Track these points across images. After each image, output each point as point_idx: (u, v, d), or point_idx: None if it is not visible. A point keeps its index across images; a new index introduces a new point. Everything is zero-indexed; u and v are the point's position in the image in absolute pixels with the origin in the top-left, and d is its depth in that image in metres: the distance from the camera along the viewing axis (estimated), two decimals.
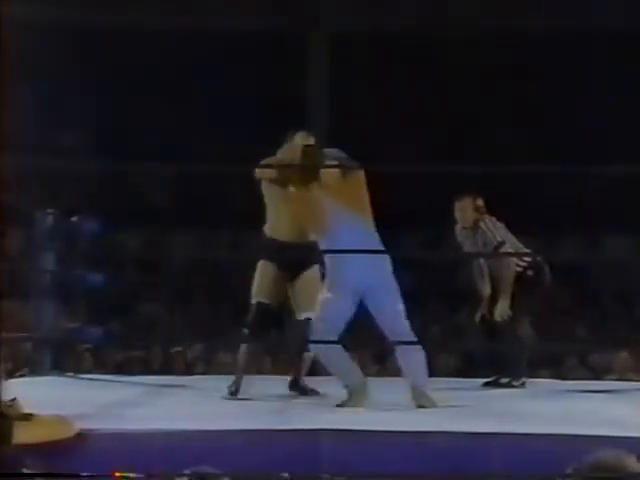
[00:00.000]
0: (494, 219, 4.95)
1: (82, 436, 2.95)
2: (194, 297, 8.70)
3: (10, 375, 4.13)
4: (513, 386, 4.74)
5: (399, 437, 3.06)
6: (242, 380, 4.12)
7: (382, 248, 3.90)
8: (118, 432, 3.05)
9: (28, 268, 5.40)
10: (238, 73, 9.71)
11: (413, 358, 3.85)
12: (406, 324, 3.86)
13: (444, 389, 4.39)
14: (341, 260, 3.77)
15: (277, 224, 4.12)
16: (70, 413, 3.02)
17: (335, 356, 3.81)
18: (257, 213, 4.38)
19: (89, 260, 5.51)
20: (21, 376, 5.07)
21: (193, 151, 8.95)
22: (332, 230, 3.78)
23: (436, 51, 9.63)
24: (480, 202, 4.97)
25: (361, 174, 3.86)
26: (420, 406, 3.78)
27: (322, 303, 3.83)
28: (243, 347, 4.20)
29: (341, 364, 3.82)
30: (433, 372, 5.33)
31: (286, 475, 2.38)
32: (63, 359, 5.86)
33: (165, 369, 6.36)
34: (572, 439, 2.99)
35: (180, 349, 6.78)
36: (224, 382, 4.67)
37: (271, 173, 4.06)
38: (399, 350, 3.87)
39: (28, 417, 2.83)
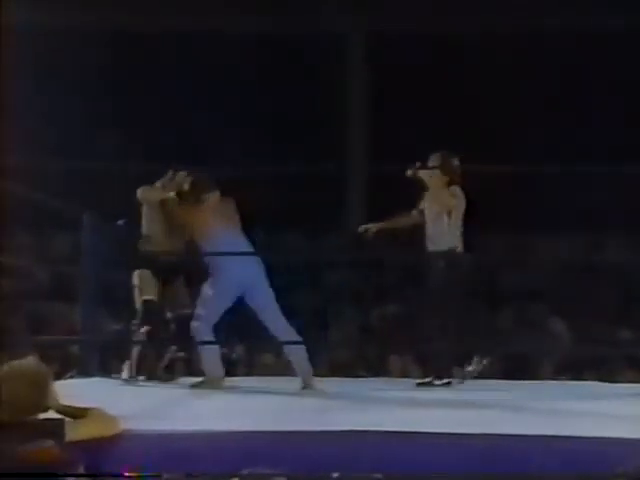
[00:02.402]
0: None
1: (127, 436, 2.97)
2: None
3: (58, 377, 4.19)
4: (435, 385, 4.68)
5: (442, 439, 3.04)
6: (135, 370, 4.90)
7: (252, 251, 4.74)
8: (162, 432, 3.06)
9: (75, 271, 5.46)
10: (278, 73, 9.75)
11: (296, 352, 4.57)
12: (284, 320, 4.60)
13: (482, 390, 4.37)
14: (222, 262, 4.59)
15: (154, 239, 4.95)
16: (116, 413, 3.04)
17: (209, 349, 4.60)
18: (287, 214, 4.60)
19: (135, 263, 5.55)
20: (70, 377, 5.13)
21: (230, 153, 9.01)
22: (212, 237, 4.66)
23: (475, 52, 9.58)
24: (455, 162, 4.89)
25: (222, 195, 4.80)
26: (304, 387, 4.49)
27: (204, 298, 4.61)
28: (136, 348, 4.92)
29: (211, 356, 4.58)
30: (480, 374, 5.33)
31: (336, 475, 2.38)
32: (109, 361, 5.93)
33: None
34: (618, 442, 2.95)
35: (222, 350, 6.81)
36: (267, 383, 4.71)
37: (156, 196, 4.93)
38: (280, 332, 4.59)
39: (82, 412, 2.87)
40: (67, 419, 2.84)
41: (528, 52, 9.46)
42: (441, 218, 4.83)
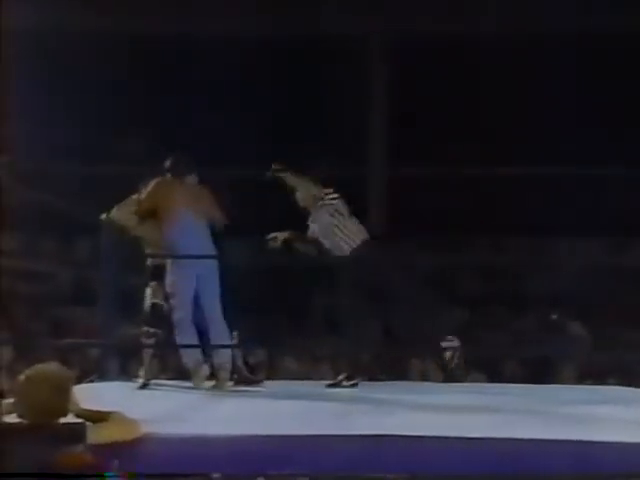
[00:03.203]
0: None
1: (148, 439, 3.01)
2: (256, 303, 8.77)
3: (78, 381, 4.25)
4: (345, 386, 4.81)
5: (462, 443, 3.06)
6: (150, 373, 5.00)
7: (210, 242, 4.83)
8: (183, 436, 3.10)
9: (95, 275, 5.51)
10: (298, 75, 9.78)
11: (221, 340, 4.74)
12: (220, 309, 4.79)
13: (503, 394, 4.38)
14: (181, 250, 4.75)
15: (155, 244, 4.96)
16: (137, 417, 3.08)
17: (187, 334, 4.73)
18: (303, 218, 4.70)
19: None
20: (90, 381, 5.18)
21: (249, 155, 9.06)
22: (178, 218, 4.78)
23: (495, 53, 9.56)
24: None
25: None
26: (215, 387, 4.70)
27: (172, 287, 4.76)
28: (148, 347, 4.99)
29: (189, 349, 4.71)
30: (501, 378, 5.33)
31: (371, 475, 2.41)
32: (130, 364, 5.98)
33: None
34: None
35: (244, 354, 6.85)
36: (287, 387, 4.74)
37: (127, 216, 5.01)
38: (212, 332, 4.77)
39: (103, 416, 2.92)
40: (88, 423, 2.88)
41: (547, 51, 9.44)
42: (330, 233, 4.93)
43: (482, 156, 9.54)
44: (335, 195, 4.96)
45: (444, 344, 4.79)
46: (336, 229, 4.90)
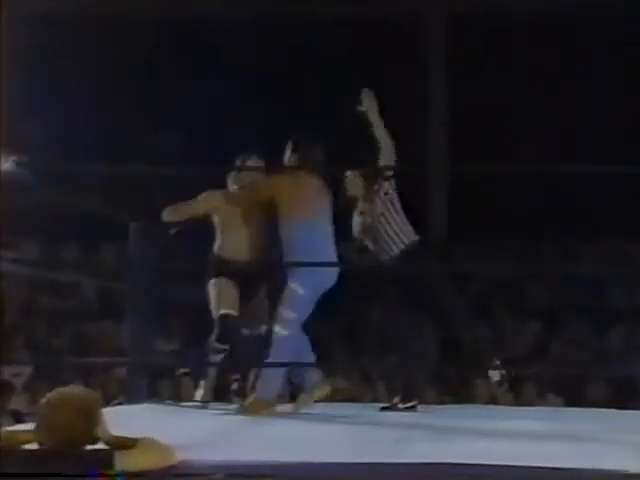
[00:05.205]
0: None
1: (184, 467, 3.05)
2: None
3: (105, 403, 4.31)
4: (401, 409, 4.82)
5: (534, 473, 3.05)
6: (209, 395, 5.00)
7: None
8: (225, 463, 3.12)
9: (123, 286, 5.57)
10: (349, 57, 9.83)
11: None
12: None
13: (582, 421, 4.35)
14: (315, 256, 4.54)
15: (231, 245, 4.88)
16: (169, 443, 3.12)
17: (283, 357, 4.64)
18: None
19: (187, 276, 5.66)
20: (118, 404, 5.24)
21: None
22: (309, 219, 4.62)
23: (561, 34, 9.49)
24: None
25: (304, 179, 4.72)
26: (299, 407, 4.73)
27: (292, 298, 4.61)
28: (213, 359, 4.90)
29: (275, 374, 4.66)
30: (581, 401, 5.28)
31: None
32: (161, 385, 6.04)
33: None
34: None
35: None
36: (337, 410, 4.75)
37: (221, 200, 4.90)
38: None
39: (133, 443, 2.96)
40: (121, 449, 2.92)
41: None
42: (379, 226, 4.95)
43: (557, 152, 9.47)
44: (393, 185, 4.90)
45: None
46: (386, 224, 4.88)
